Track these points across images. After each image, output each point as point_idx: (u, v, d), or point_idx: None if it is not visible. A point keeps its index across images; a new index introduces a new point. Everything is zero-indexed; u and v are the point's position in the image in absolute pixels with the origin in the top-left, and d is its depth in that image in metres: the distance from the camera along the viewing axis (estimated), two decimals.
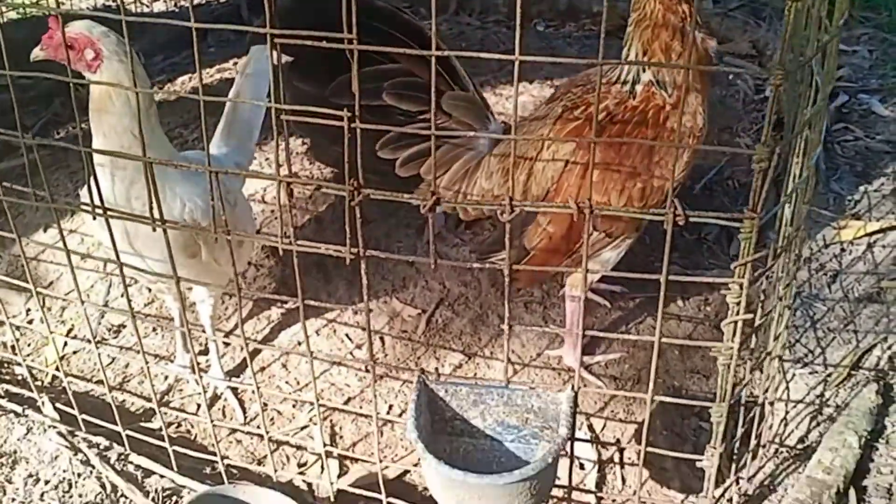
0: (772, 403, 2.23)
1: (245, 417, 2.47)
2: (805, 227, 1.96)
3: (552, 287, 2.79)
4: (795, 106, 2.49)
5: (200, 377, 2.02)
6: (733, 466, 2.08)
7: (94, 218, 1.78)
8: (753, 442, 2.05)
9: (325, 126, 1.45)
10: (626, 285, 2.76)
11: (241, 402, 2.51)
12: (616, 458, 2.31)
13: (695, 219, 1.43)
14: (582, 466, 2.28)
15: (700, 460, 1.79)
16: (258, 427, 2.22)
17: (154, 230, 1.71)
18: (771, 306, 1.94)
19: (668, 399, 1.82)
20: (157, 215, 1.69)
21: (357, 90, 1.43)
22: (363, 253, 1.57)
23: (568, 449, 1.79)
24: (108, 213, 1.75)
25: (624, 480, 2.27)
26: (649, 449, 1.79)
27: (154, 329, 2.75)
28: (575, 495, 2.12)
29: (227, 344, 2.67)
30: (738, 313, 1.55)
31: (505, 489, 1.61)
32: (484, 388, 1.79)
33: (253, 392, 2.48)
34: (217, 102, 2.58)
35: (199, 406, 2.51)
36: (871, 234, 2.81)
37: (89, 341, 2.24)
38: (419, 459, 2.17)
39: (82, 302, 2.00)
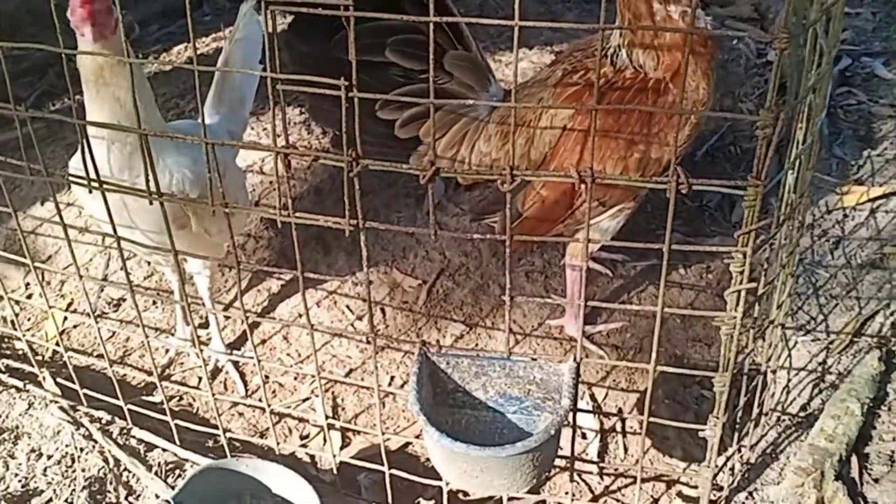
0: (774, 371, 2.22)
1: (246, 390, 2.47)
2: (808, 194, 1.94)
3: (553, 257, 2.78)
4: (798, 70, 2.46)
5: (201, 350, 2.01)
6: (735, 435, 2.08)
7: (90, 192, 1.76)
8: (756, 410, 2.05)
9: (324, 87, 1.42)
10: (628, 254, 2.75)
11: (243, 375, 2.51)
12: (618, 428, 2.32)
13: (698, 187, 1.41)
14: (584, 436, 2.29)
15: (703, 429, 1.79)
16: (260, 400, 2.22)
17: (151, 203, 1.69)
18: (774, 274, 1.93)
19: (670, 369, 1.81)
20: (152, 187, 1.67)
21: (354, 58, 1.39)
22: (362, 224, 1.55)
23: (570, 420, 1.78)
24: (104, 186, 1.73)
25: (626, 450, 2.27)
26: (651, 418, 1.79)
27: (154, 302, 2.74)
28: (577, 465, 2.12)
29: (227, 317, 2.66)
30: (741, 282, 1.53)
31: (507, 461, 1.61)
32: (486, 359, 1.78)
33: (254, 365, 2.47)
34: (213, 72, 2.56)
35: (200, 379, 2.51)
36: (874, 200, 2.79)
37: (89, 315, 2.23)
38: (421, 431, 2.17)
39: (81, 276, 1.99)
